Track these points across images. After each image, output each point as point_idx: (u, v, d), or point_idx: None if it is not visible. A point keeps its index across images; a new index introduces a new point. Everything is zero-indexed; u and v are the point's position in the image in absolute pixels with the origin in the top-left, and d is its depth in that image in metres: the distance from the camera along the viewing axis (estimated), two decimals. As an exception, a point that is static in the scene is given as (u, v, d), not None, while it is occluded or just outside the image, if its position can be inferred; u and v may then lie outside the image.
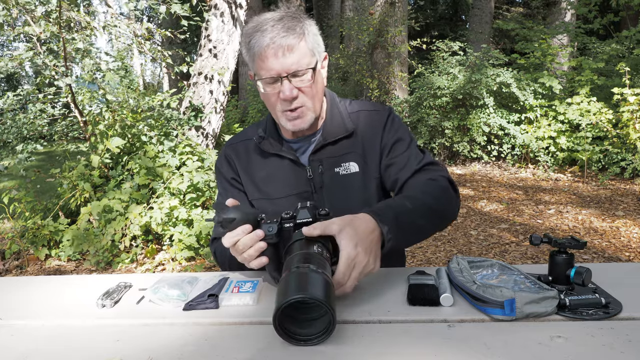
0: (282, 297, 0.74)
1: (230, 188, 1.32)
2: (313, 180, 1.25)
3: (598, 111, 5.85)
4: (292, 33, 1.11)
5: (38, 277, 1.26)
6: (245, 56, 1.17)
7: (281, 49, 1.09)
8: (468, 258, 1.03)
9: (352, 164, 1.25)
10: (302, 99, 1.16)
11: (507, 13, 14.31)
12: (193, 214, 3.56)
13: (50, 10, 3.93)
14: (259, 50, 1.11)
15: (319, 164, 1.25)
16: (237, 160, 1.32)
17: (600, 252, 3.53)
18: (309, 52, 1.14)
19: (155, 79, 22.39)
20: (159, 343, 0.81)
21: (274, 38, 1.09)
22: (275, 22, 1.11)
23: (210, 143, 4.95)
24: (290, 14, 1.15)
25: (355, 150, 1.26)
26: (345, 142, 1.26)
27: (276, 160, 1.27)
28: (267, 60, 1.10)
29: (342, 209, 1.18)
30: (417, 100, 7.40)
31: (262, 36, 1.10)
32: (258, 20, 1.14)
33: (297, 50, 1.11)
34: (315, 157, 1.25)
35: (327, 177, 1.24)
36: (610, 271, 1.07)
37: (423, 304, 0.91)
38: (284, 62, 1.10)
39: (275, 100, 1.16)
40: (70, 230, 3.57)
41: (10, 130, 4.41)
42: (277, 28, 1.10)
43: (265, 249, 0.96)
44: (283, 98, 1.13)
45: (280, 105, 1.17)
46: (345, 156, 1.25)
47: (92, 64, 4.46)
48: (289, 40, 1.10)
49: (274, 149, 1.27)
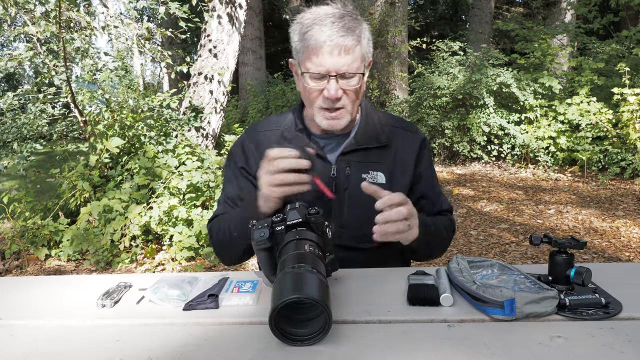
0: (278, 298, 0.74)
1: (239, 176, 1.31)
2: (336, 179, 1.24)
3: (598, 111, 5.85)
4: (351, 34, 1.10)
5: (38, 277, 1.26)
6: (296, 44, 1.16)
7: (337, 48, 1.09)
8: (468, 258, 1.03)
9: (379, 174, 1.25)
10: (344, 100, 1.16)
11: (507, 13, 14.31)
12: (193, 214, 3.56)
13: (50, 10, 3.93)
14: (314, 44, 1.09)
15: (347, 165, 1.24)
16: (256, 150, 1.29)
17: (600, 252, 3.53)
18: (361, 57, 1.14)
19: (155, 79, 22.39)
20: (159, 343, 0.81)
21: (333, 36, 1.08)
22: (336, 20, 1.10)
23: (210, 143, 4.95)
24: (350, 14, 1.13)
25: (385, 163, 1.26)
26: (376, 151, 1.26)
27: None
28: (322, 56, 1.09)
29: (360, 216, 1.20)
30: (417, 100, 7.40)
31: (320, 31, 1.09)
32: (317, 12, 1.13)
33: (352, 53, 1.10)
34: (344, 158, 1.25)
35: (354, 180, 1.23)
36: (610, 271, 1.07)
37: (423, 304, 0.91)
38: (338, 61, 1.09)
39: (317, 96, 1.16)
40: (70, 230, 3.57)
41: (10, 130, 4.41)
42: (338, 26, 1.09)
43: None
44: (327, 96, 1.13)
45: (320, 102, 1.16)
46: (375, 165, 1.26)
47: (92, 64, 4.46)
48: (347, 41, 1.09)
49: (300, 142, 1.25)
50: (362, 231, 1.22)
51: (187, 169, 3.75)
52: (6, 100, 4.39)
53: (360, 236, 1.22)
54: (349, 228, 1.23)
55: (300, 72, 1.16)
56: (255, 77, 10.93)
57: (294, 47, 1.18)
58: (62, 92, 4.37)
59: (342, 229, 1.23)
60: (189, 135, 4.62)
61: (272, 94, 9.53)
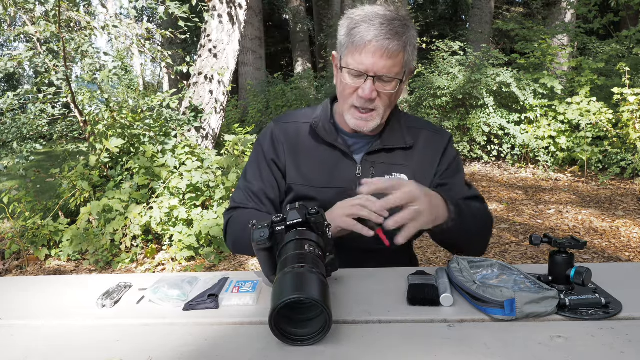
0: (278, 298, 0.74)
1: (266, 168, 1.29)
2: (360, 179, 1.23)
3: (598, 111, 5.85)
4: (398, 39, 1.09)
5: (38, 277, 1.26)
6: (342, 38, 1.15)
7: (381, 50, 1.08)
8: (468, 258, 1.03)
9: (403, 176, 1.25)
10: (377, 103, 1.15)
11: (507, 13, 14.32)
12: (193, 214, 3.56)
13: (50, 10, 3.93)
14: (360, 41, 1.09)
15: (372, 165, 1.24)
16: (286, 141, 1.29)
17: (600, 252, 3.53)
18: (403, 64, 1.13)
19: (155, 79, 22.38)
20: (159, 343, 0.81)
21: (379, 37, 1.08)
22: (386, 22, 1.09)
23: (210, 143, 4.95)
24: (400, 18, 1.13)
25: (408, 164, 1.26)
26: (401, 152, 1.26)
27: (328, 150, 1.26)
28: (365, 54, 1.09)
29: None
30: (417, 100, 7.40)
31: (368, 29, 1.08)
32: (369, 11, 1.12)
33: (395, 58, 1.10)
34: (370, 158, 1.25)
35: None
36: (610, 271, 1.07)
37: (423, 304, 0.91)
38: (379, 63, 1.09)
39: (351, 93, 1.16)
40: (70, 230, 3.57)
41: (10, 130, 4.41)
42: (386, 29, 1.08)
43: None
44: (361, 95, 1.13)
45: (354, 100, 1.16)
46: (398, 167, 1.25)
47: (92, 64, 4.46)
48: (393, 45, 1.08)
49: (329, 137, 1.25)
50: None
51: (187, 169, 3.75)
52: (6, 100, 4.39)
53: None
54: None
55: (340, 66, 1.16)
56: (255, 77, 10.93)
57: (339, 40, 1.18)
58: (62, 92, 4.37)
59: None
60: (189, 135, 4.62)
61: (272, 94, 9.54)
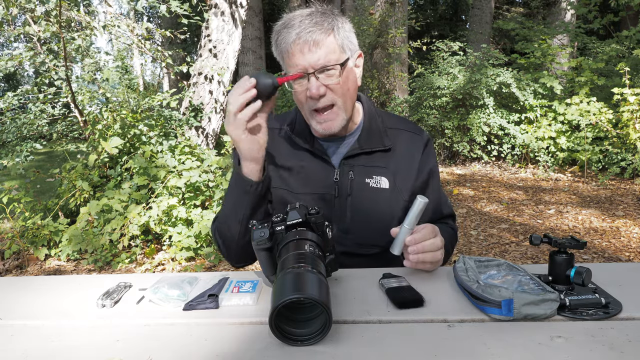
0: (278, 298, 0.74)
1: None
2: (338, 183, 1.21)
3: (598, 111, 5.84)
4: (319, 28, 1.07)
5: (38, 277, 1.26)
6: (276, 55, 1.14)
7: (307, 45, 1.06)
8: (475, 258, 1.02)
9: (383, 179, 1.22)
10: (330, 96, 1.11)
11: (507, 13, 14.31)
12: (192, 214, 3.56)
13: (50, 10, 3.93)
14: (285, 47, 1.08)
15: (350, 169, 1.22)
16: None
17: (600, 252, 3.53)
18: (339, 48, 1.10)
19: (155, 79, 22.36)
20: (159, 343, 0.81)
21: (300, 33, 1.06)
22: (303, 18, 1.08)
23: (210, 143, 4.95)
24: (320, 10, 1.11)
25: (388, 167, 1.23)
26: (380, 155, 1.24)
27: (306, 155, 1.24)
28: (294, 56, 1.07)
29: (363, 221, 1.19)
30: (417, 100, 7.39)
31: (288, 32, 1.07)
32: (287, 16, 1.11)
33: (324, 46, 1.07)
34: (348, 162, 1.22)
35: (357, 184, 1.21)
36: (610, 271, 1.07)
37: (409, 306, 0.90)
38: (310, 57, 1.06)
39: (304, 99, 1.12)
40: (69, 230, 3.56)
41: (10, 130, 4.41)
42: (305, 23, 1.07)
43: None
44: (309, 95, 1.09)
45: (310, 104, 1.12)
46: (378, 169, 1.23)
47: (92, 63, 4.47)
48: (315, 35, 1.06)
49: (305, 143, 1.23)
50: (366, 237, 1.21)
51: (185, 167, 3.75)
52: (6, 100, 4.39)
53: (364, 242, 1.21)
54: (352, 233, 1.21)
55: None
56: (255, 77, 10.91)
57: (276, 58, 1.15)
58: (62, 92, 4.37)
59: (345, 234, 1.21)
60: (189, 135, 4.62)
61: (272, 94, 9.51)
